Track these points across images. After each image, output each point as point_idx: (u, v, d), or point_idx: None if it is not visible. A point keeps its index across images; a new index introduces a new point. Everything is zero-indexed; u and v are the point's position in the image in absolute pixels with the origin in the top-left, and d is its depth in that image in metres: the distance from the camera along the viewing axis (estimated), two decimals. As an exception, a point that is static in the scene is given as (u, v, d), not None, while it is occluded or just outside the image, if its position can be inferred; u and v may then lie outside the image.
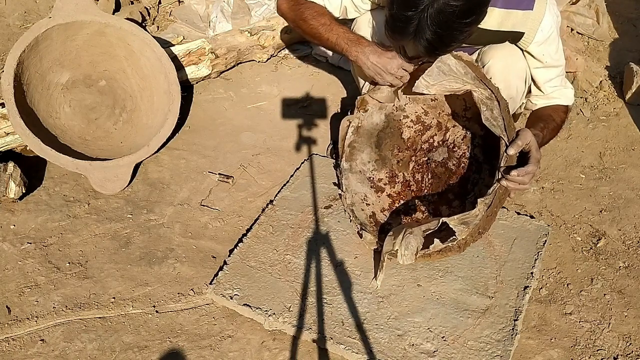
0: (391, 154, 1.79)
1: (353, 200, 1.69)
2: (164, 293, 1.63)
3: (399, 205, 1.75)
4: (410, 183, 1.78)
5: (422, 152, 1.78)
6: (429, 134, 1.77)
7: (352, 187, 1.71)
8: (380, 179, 1.77)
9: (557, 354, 1.44)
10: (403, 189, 1.78)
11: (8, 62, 1.85)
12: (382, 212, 1.73)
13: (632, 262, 1.67)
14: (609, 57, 2.53)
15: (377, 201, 1.74)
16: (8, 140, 1.95)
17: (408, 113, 1.76)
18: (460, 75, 1.41)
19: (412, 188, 1.78)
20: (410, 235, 1.40)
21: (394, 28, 1.33)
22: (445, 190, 1.73)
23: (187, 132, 2.24)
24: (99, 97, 2.13)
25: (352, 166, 1.73)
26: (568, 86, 1.67)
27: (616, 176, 1.98)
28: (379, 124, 1.75)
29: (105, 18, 2.02)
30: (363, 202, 1.71)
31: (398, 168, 1.79)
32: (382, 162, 1.78)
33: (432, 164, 1.77)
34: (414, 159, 1.79)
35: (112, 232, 1.82)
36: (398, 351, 1.40)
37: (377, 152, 1.77)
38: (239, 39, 2.46)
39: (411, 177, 1.78)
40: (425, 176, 1.77)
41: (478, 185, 1.68)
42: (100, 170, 1.93)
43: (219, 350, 1.47)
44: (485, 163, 1.69)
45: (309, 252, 1.67)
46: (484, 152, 1.69)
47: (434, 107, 1.74)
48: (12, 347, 1.49)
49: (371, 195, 1.74)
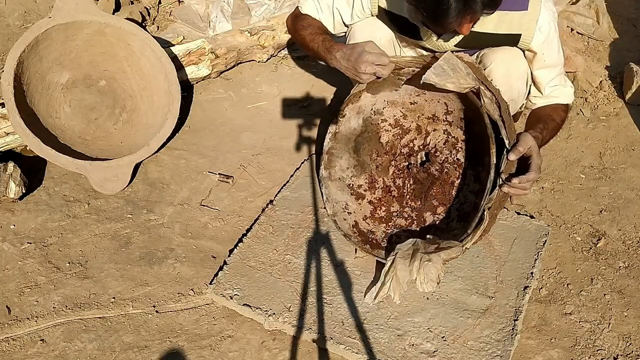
0: (370, 159, 1.75)
1: (335, 210, 1.65)
2: (164, 293, 1.63)
3: (381, 212, 1.72)
4: (391, 188, 1.75)
5: (401, 156, 1.76)
6: (408, 137, 1.75)
7: (333, 196, 1.67)
8: (360, 184, 1.74)
9: (557, 354, 1.44)
10: (384, 195, 1.74)
11: (8, 62, 1.85)
12: (365, 221, 1.69)
13: (632, 262, 1.67)
14: (609, 57, 2.53)
15: (358, 209, 1.70)
16: (8, 140, 1.95)
17: (386, 116, 1.73)
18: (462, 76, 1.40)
19: (393, 194, 1.75)
20: (429, 264, 1.37)
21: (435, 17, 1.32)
22: (428, 197, 1.71)
23: (187, 132, 2.24)
24: (99, 97, 2.13)
25: (330, 174, 1.69)
26: (567, 84, 1.66)
27: (616, 176, 1.98)
28: (356, 128, 1.71)
29: (105, 18, 2.02)
30: (344, 211, 1.67)
31: (377, 173, 1.76)
32: (361, 168, 1.74)
33: (413, 169, 1.74)
34: (394, 163, 1.76)
35: (112, 232, 1.82)
36: (398, 351, 1.40)
37: (356, 157, 1.74)
38: (239, 39, 2.46)
39: (392, 182, 1.76)
40: (406, 182, 1.75)
41: (462, 191, 1.66)
42: (100, 170, 1.93)
43: (219, 350, 1.47)
44: (469, 169, 1.66)
45: (309, 252, 1.67)
46: (468, 158, 1.66)
47: (413, 111, 1.71)
48: (12, 347, 1.49)
49: (352, 203, 1.70)
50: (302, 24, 1.66)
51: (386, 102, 1.71)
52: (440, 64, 1.38)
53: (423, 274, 1.38)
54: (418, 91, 1.66)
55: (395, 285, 1.42)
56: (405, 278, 1.41)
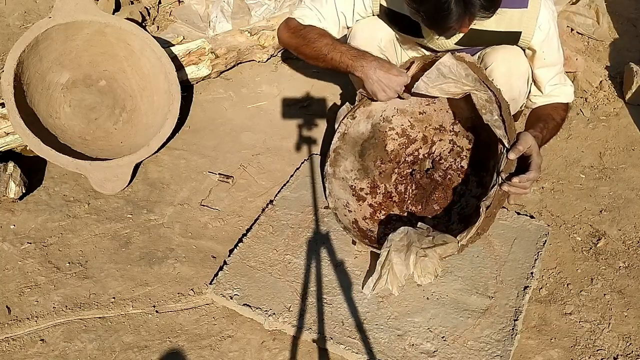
0: (374, 165, 1.76)
1: (336, 205, 1.66)
2: (164, 293, 1.63)
3: (381, 215, 1.73)
4: (392, 194, 1.76)
5: (405, 164, 1.77)
6: (413, 147, 1.76)
7: (335, 193, 1.68)
8: (362, 188, 1.75)
9: (557, 354, 1.44)
10: (384, 200, 1.75)
11: (8, 62, 1.85)
12: (364, 220, 1.70)
13: (632, 262, 1.67)
14: (609, 57, 2.53)
15: (358, 209, 1.71)
16: (8, 140, 1.95)
17: (394, 125, 1.74)
18: (459, 78, 1.40)
19: (394, 199, 1.76)
20: (425, 259, 1.38)
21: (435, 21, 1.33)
22: (430, 201, 1.71)
23: (187, 132, 2.24)
24: (99, 97, 2.13)
25: (335, 172, 1.70)
26: (567, 83, 1.66)
27: (616, 176, 1.98)
28: (364, 133, 1.73)
29: (105, 18, 2.02)
30: (345, 209, 1.68)
31: (380, 179, 1.77)
32: (365, 172, 1.75)
33: (416, 175, 1.75)
34: (397, 171, 1.77)
35: (112, 232, 1.82)
36: (398, 351, 1.40)
37: (360, 161, 1.75)
38: (239, 39, 2.46)
39: (393, 188, 1.77)
40: (409, 187, 1.76)
41: (465, 196, 1.67)
42: (100, 170, 1.93)
43: (219, 350, 1.47)
44: (472, 175, 1.67)
45: (309, 252, 1.67)
46: (472, 164, 1.67)
47: (420, 121, 1.73)
48: (12, 347, 1.49)
49: (353, 203, 1.71)
50: (312, 36, 1.61)
51: (396, 110, 1.72)
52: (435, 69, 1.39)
53: (420, 268, 1.39)
54: (428, 100, 1.67)
55: (392, 278, 1.43)
56: (402, 272, 1.41)
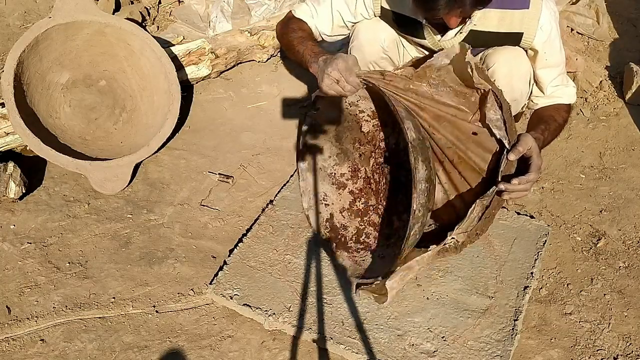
0: (352, 147, 1.74)
1: (310, 204, 1.64)
2: (164, 293, 1.63)
3: (359, 204, 1.72)
4: (371, 180, 1.75)
5: (379, 151, 1.75)
6: (386, 132, 1.73)
7: (310, 188, 1.66)
8: (342, 173, 1.73)
9: (557, 354, 1.44)
10: (364, 186, 1.74)
11: (8, 62, 1.85)
12: (341, 213, 1.69)
13: (632, 262, 1.67)
14: (609, 57, 2.53)
15: (337, 199, 1.70)
16: (8, 140, 1.95)
17: (363, 108, 1.70)
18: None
19: (372, 186, 1.74)
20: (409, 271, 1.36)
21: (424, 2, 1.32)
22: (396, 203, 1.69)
23: (187, 132, 2.24)
24: (99, 97, 2.13)
25: (310, 165, 1.68)
26: (570, 84, 1.66)
27: (616, 176, 1.98)
28: (335, 118, 1.69)
29: (105, 18, 2.02)
30: (322, 203, 1.66)
31: (360, 162, 1.75)
32: (345, 156, 1.73)
33: (385, 170, 1.74)
34: (374, 155, 1.75)
35: (112, 232, 1.82)
36: (398, 351, 1.40)
37: (338, 145, 1.72)
38: (239, 39, 2.46)
39: (372, 174, 1.75)
40: (381, 178, 1.75)
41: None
42: (100, 170, 1.93)
43: (219, 350, 1.47)
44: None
45: (309, 252, 1.67)
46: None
47: (383, 108, 1.67)
48: (12, 347, 1.49)
49: (332, 194, 1.70)
50: (292, 27, 1.65)
51: (359, 97, 1.67)
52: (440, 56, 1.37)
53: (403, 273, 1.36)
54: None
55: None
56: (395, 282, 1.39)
